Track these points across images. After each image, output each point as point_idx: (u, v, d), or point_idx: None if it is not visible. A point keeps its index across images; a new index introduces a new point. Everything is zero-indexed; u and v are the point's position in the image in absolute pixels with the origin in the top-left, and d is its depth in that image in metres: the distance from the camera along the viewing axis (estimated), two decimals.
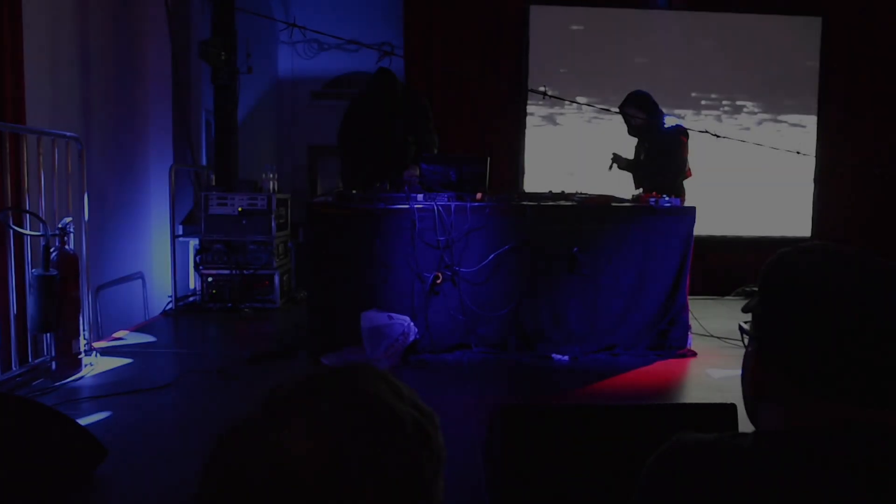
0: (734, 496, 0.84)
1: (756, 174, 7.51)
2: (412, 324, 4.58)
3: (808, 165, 7.59)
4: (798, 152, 5.29)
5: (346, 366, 0.75)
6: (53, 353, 4.10)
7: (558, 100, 7.04)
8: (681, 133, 5.39)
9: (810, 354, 0.88)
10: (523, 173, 7.50)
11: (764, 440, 0.88)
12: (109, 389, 3.85)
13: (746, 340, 1.02)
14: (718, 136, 4.16)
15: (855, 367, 0.85)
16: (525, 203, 4.84)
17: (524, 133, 7.48)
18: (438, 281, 4.69)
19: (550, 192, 5.26)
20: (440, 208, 4.66)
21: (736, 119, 7.59)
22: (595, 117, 7.42)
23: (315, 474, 0.64)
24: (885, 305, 0.84)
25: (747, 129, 7.55)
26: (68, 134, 4.44)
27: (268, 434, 0.66)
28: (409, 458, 0.68)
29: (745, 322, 1.05)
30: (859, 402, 0.86)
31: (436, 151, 5.58)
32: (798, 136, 7.59)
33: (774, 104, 7.61)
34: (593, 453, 2.00)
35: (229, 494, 0.65)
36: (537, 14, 7.39)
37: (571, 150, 7.43)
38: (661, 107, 5.48)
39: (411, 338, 4.54)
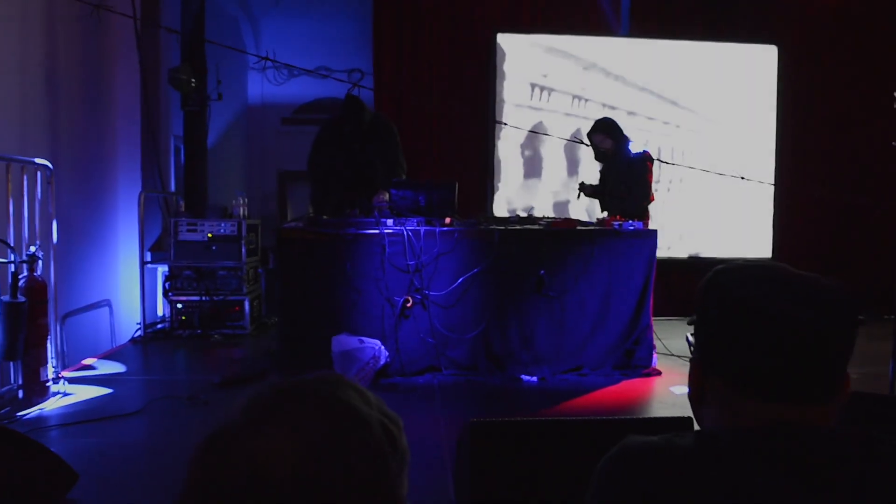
0: (677, 492, 0.93)
1: (717, 197, 7.71)
2: (383, 347, 4.63)
3: (768, 189, 7.81)
4: (742, 177, 5.47)
5: (317, 375, 0.81)
6: (20, 381, 4.07)
7: (520, 129, 7.17)
8: (647, 159, 5.54)
9: (740, 359, 0.98)
10: (492, 198, 7.61)
11: (702, 439, 0.98)
12: (78, 417, 3.83)
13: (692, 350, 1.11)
14: (668, 163, 4.31)
15: (778, 370, 0.95)
16: (493, 227, 4.93)
17: (493, 158, 7.60)
18: (408, 304, 4.75)
19: (517, 216, 5.37)
20: (409, 233, 4.73)
21: (697, 144, 7.79)
22: (561, 140, 7.56)
23: (291, 473, 0.70)
24: (801, 313, 0.94)
25: (708, 153, 7.76)
26: (38, 161, 4.44)
27: (248, 436, 0.72)
28: (376, 457, 0.75)
29: (692, 334, 1.14)
30: (784, 400, 0.96)
31: (404, 177, 5.66)
32: (757, 160, 7.82)
33: (734, 129, 7.84)
34: (558, 466, 2.07)
35: (212, 495, 0.71)
36: (504, 41, 7.56)
37: (539, 175, 7.57)
38: (625, 133, 5.64)
39: (382, 361, 4.58)
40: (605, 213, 5.48)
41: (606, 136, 5.59)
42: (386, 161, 5.66)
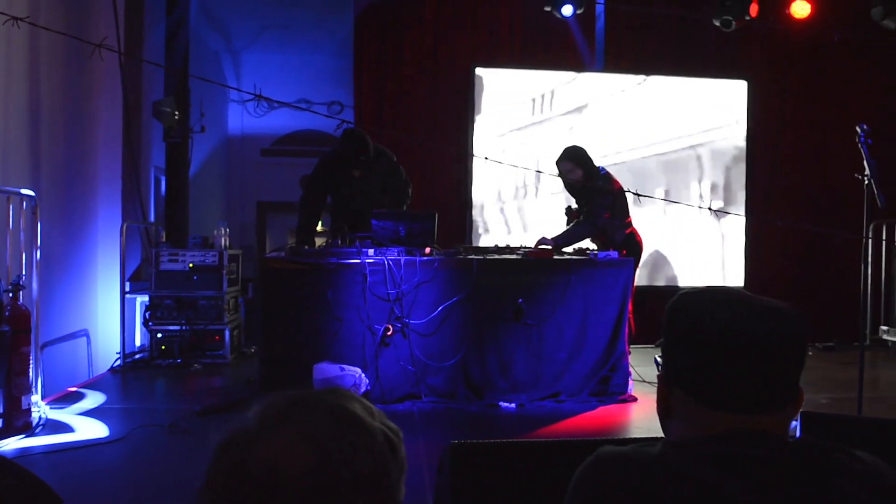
0: (645, 496, 1.02)
1: (691, 227, 7.89)
2: (363, 375, 4.68)
3: (740, 220, 8.01)
4: (711, 209, 5.57)
5: (326, 388, 0.90)
6: (2, 410, 4.07)
7: (499, 163, 7.31)
8: (608, 181, 5.41)
9: (702, 373, 1.08)
10: (470, 228, 7.73)
11: (668, 447, 1.08)
12: (59, 445, 3.84)
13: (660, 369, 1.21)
14: (642, 196, 4.41)
15: (736, 382, 1.06)
16: (472, 257, 5.02)
17: (471, 189, 7.73)
18: (389, 333, 4.81)
19: (496, 245, 5.47)
20: (391, 262, 4.82)
21: (670, 176, 7.97)
22: (538, 173, 7.71)
23: (302, 474, 0.78)
24: (756, 330, 1.05)
25: (681, 185, 7.95)
26: (23, 191, 4.48)
27: (263, 440, 0.80)
28: (379, 462, 0.84)
29: (660, 356, 1.25)
30: (743, 410, 1.06)
31: (409, 195, 5.83)
32: (729, 191, 8.02)
33: (706, 161, 8.04)
34: (539, 488, 2.14)
35: (229, 496, 0.78)
36: (482, 76, 7.74)
37: (517, 206, 7.71)
38: (595, 163, 5.47)
39: (363, 389, 4.63)
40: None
41: (575, 165, 5.39)
42: (391, 191, 5.74)
